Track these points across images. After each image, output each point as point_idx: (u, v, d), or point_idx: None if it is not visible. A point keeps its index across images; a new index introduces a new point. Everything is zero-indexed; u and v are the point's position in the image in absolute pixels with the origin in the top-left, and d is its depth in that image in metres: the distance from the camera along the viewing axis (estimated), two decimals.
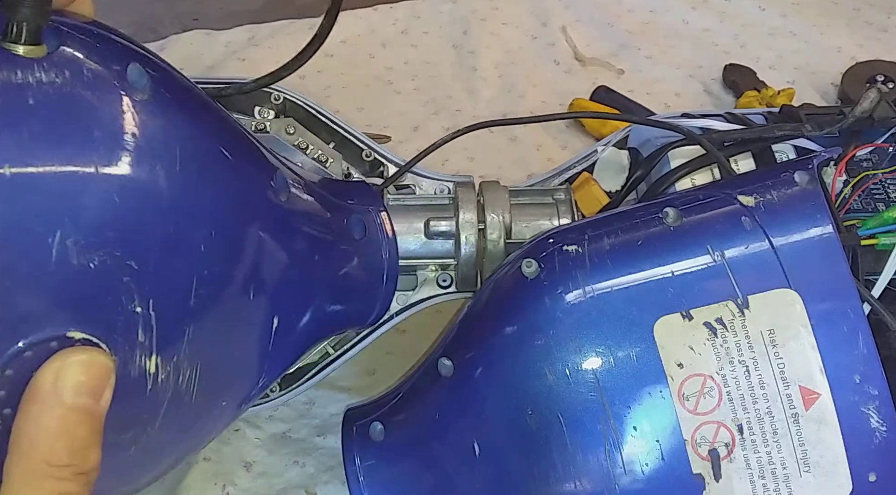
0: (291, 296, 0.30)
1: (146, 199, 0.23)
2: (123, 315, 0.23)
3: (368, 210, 0.36)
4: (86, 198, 0.22)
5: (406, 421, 0.36)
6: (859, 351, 0.30)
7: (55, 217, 0.22)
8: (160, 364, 0.24)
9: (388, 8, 0.76)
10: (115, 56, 0.25)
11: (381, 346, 0.48)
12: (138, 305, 0.23)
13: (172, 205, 0.24)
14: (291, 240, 0.30)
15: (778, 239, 0.31)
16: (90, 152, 0.22)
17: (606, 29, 0.75)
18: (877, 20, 0.75)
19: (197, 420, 0.27)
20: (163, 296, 0.24)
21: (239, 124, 0.30)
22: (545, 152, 0.65)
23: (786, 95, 0.64)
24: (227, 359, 0.27)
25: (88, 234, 0.22)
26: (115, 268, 0.23)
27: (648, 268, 0.32)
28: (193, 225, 0.25)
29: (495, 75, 0.71)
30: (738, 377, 0.30)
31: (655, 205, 0.34)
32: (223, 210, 0.26)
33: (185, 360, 0.25)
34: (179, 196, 0.24)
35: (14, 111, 0.21)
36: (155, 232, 0.24)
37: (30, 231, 0.21)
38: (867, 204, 0.42)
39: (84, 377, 0.22)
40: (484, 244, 0.42)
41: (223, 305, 0.26)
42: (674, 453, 0.30)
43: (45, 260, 0.21)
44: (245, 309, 0.27)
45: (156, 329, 0.24)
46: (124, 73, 0.24)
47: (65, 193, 0.22)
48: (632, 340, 0.31)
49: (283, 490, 0.47)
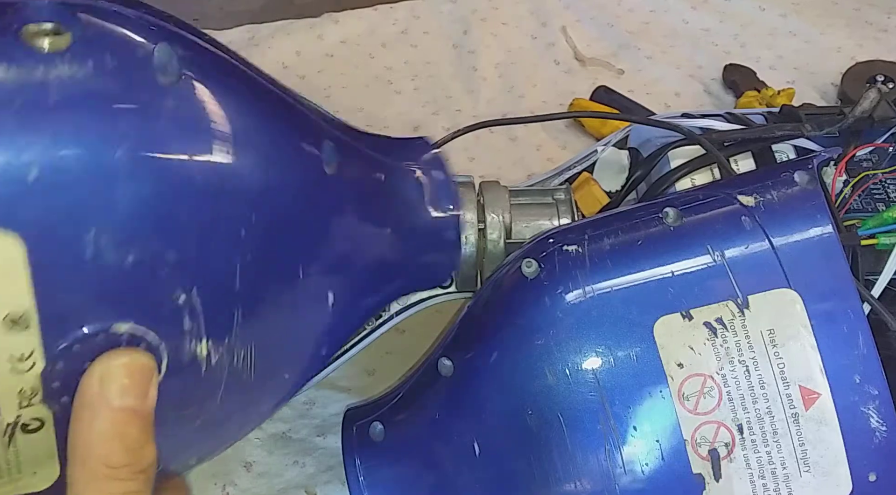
0: (345, 270, 0.29)
1: (179, 188, 0.23)
2: (167, 305, 0.23)
3: (426, 169, 0.33)
4: (117, 192, 0.22)
5: (406, 421, 0.36)
6: (859, 351, 0.30)
7: (87, 215, 0.21)
8: (212, 347, 0.24)
9: (388, 8, 0.76)
10: (142, 37, 0.24)
11: (381, 346, 0.48)
12: (181, 294, 0.23)
13: (206, 191, 0.23)
14: (340, 214, 0.28)
15: (778, 239, 0.31)
16: (116, 146, 0.22)
17: (606, 29, 0.75)
18: (877, 20, 0.75)
19: (259, 393, 0.27)
20: (206, 284, 0.23)
21: (285, 91, 0.28)
22: (545, 152, 0.65)
23: (786, 95, 0.64)
24: (284, 337, 0.27)
25: (122, 229, 0.22)
26: (154, 261, 0.22)
27: (648, 267, 0.32)
28: (231, 210, 0.24)
29: (495, 75, 0.71)
30: (738, 377, 0.30)
31: (655, 205, 0.34)
32: (263, 192, 0.25)
33: (237, 342, 0.25)
34: (213, 181, 0.23)
35: (37, 110, 0.21)
36: (191, 220, 0.23)
37: (64, 230, 0.21)
38: (867, 204, 0.42)
39: (127, 379, 0.22)
40: (484, 244, 0.42)
41: (271, 287, 0.26)
42: (674, 453, 0.30)
43: (81, 258, 0.21)
44: (296, 288, 0.27)
45: (203, 315, 0.23)
46: (151, 56, 0.23)
47: (94, 189, 0.21)
48: (632, 340, 0.31)
49: (284, 490, 0.47)
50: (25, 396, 0.22)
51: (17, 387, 0.22)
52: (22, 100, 0.21)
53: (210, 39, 0.27)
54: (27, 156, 0.21)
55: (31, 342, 0.21)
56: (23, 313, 0.21)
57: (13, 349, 0.21)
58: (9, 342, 0.21)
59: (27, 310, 0.21)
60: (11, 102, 0.21)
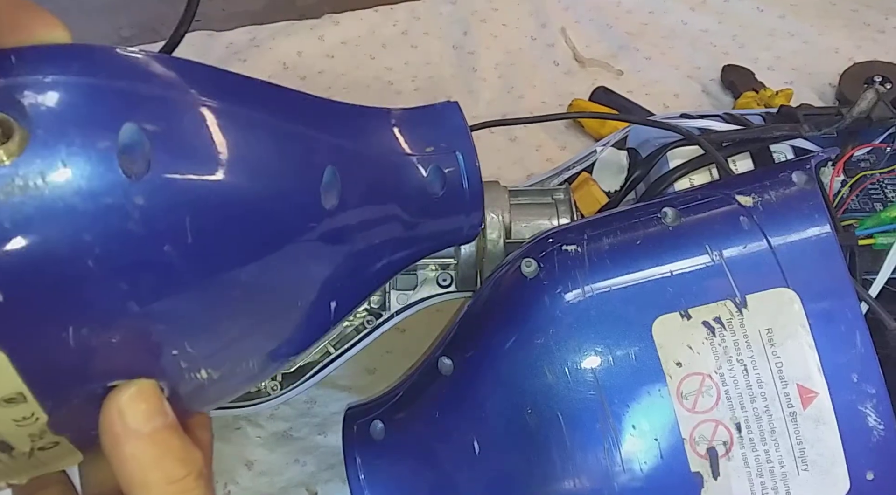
0: (350, 281, 0.27)
1: (158, 280, 0.21)
2: (160, 361, 0.23)
3: (449, 151, 0.29)
4: (89, 295, 0.21)
5: (406, 419, 0.36)
6: (857, 350, 0.30)
7: (61, 319, 0.21)
8: (212, 371, 0.24)
9: (388, 9, 0.76)
10: (104, 119, 0.20)
11: (382, 345, 0.48)
12: (172, 351, 0.23)
13: (186, 276, 0.22)
14: (342, 246, 0.26)
15: (776, 238, 0.31)
16: (85, 257, 0.20)
17: (605, 30, 0.75)
18: (875, 21, 0.75)
19: (273, 369, 0.27)
20: (198, 339, 0.23)
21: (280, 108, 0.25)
22: (544, 152, 0.65)
23: (784, 96, 0.64)
24: (286, 346, 0.26)
25: (102, 322, 0.21)
26: (140, 336, 0.22)
27: (647, 267, 0.32)
28: (216, 286, 0.23)
29: (495, 76, 0.71)
30: (737, 376, 0.30)
31: (654, 204, 0.34)
32: (249, 264, 0.23)
33: (237, 363, 0.25)
34: (196, 267, 0.22)
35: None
36: (176, 302, 0.22)
37: (41, 335, 0.21)
38: (865, 204, 0.42)
39: (144, 404, 0.23)
40: (483, 244, 0.42)
41: (268, 323, 0.25)
42: (672, 451, 0.30)
43: (65, 350, 0.21)
44: (296, 315, 0.25)
45: (199, 357, 0.23)
46: (115, 144, 0.20)
47: (64, 298, 0.20)
48: (631, 339, 0.31)
49: (284, 488, 0.47)
50: (36, 436, 0.23)
51: (26, 433, 0.22)
52: None
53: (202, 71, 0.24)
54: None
55: (30, 408, 0.22)
56: (16, 394, 0.21)
57: (14, 415, 0.22)
58: (8, 412, 0.21)
59: (21, 391, 0.21)
60: None
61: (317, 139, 0.26)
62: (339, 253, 0.26)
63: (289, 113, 0.25)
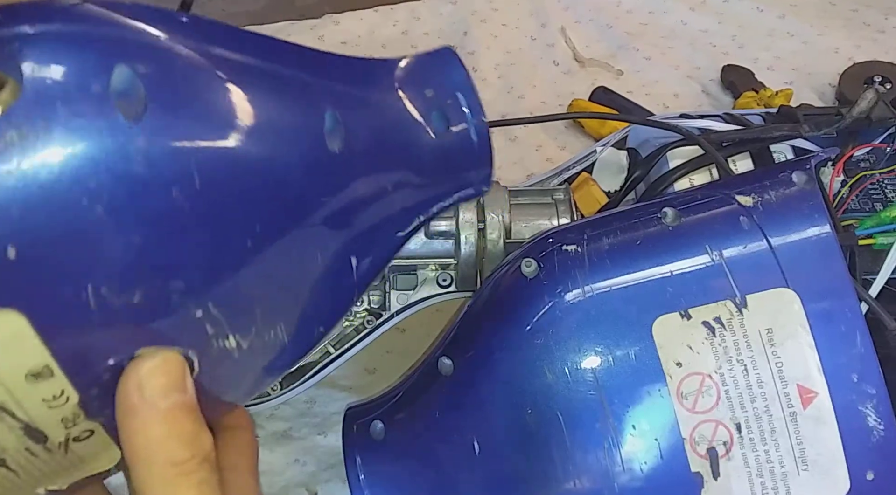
0: (366, 236, 0.27)
1: (169, 224, 0.21)
2: (185, 323, 0.22)
3: (450, 94, 0.28)
4: (103, 246, 0.20)
5: (406, 419, 0.36)
6: (857, 350, 0.30)
7: (78, 274, 0.20)
8: (240, 339, 0.23)
9: (388, 9, 0.76)
10: (95, 63, 0.20)
11: (382, 345, 0.48)
12: (197, 311, 0.22)
13: (199, 225, 0.21)
14: (352, 188, 0.25)
15: (776, 238, 0.31)
16: (94, 203, 0.20)
17: (605, 30, 0.75)
18: (874, 21, 0.75)
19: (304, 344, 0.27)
20: (220, 296, 0.22)
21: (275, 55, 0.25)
22: (544, 152, 0.65)
23: (784, 96, 0.64)
24: (311, 308, 0.26)
25: (120, 277, 0.21)
26: (161, 294, 0.21)
27: (647, 267, 0.32)
28: (230, 236, 0.22)
29: (495, 76, 0.71)
30: (737, 376, 0.30)
31: (654, 205, 0.34)
32: (261, 212, 0.23)
33: (264, 327, 0.24)
34: (207, 214, 0.22)
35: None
36: (191, 247, 0.22)
37: (59, 293, 0.20)
38: (865, 204, 0.42)
39: (164, 377, 0.22)
40: (484, 244, 0.42)
41: (290, 276, 0.24)
42: (672, 451, 0.30)
43: (86, 311, 0.21)
44: (315, 269, 0.25)
45: (224, 319, 0.23)
46: (108, 88, 0.20)
47: (78, 251, 0.20)
48: (631, 339, 0.31)
49: (285, 488, 0.47)
50: (69, 421, 0.22)
51: (58, 417, 0.22)
52: None
53: (191, 19, 0.24)
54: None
55: (58, 384, 0.21)
56: (43, 367, 0.21)
57: (43, 394, 0.21)
58: (37, 390, 0.21)
59: (47, 363, 0.21)
60: None
61: (316, 85, 0.25)
62: (349, 199, 0.25)
63: (285, 59, 0.25)
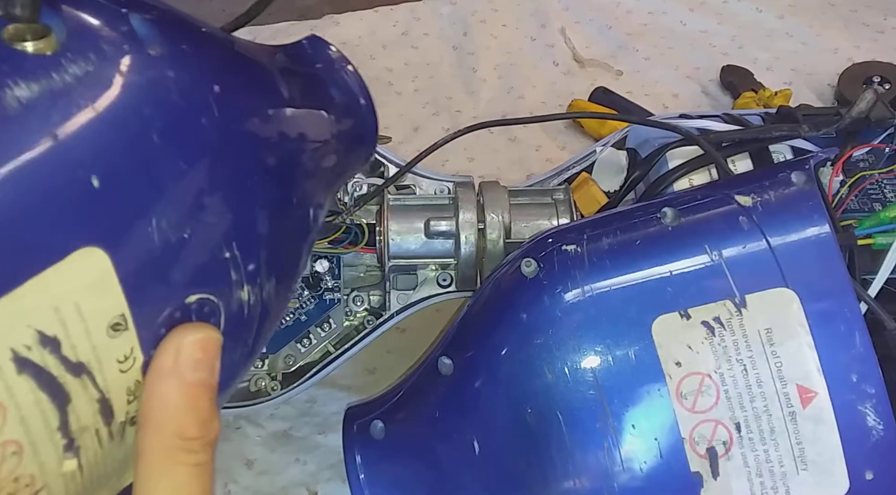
0: (316, 185, 0.30)
1: (206, 154, 0.23)
2: (219, 265, 0.24)
3: (333, 64, 0.32)
4: (161, 175, 0.22)
5: (406, 419, 0.36)
6: (856, 350, 0.30)
7: (146, 205, 0.22)
8: (250, 290, 0.25)
9: (388, 9, 0.76)
10: (116, 11, 0.23)
11: (382, 345, 0.48)
12: (226, 251, 0.24)
13: (228, 155, 0.24)
14: (304, 139, 0.29)
15: (775, 238, 0.31)
16: (150, 131, 0.22)
17: (605, 30, 0.75)
18: (873, 22, 0.75)
19: (279, 309, 0.28)
20: (242, 235, 0.24)
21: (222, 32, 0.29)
22: (544, 153, 0.65)
23: (783, 96, 0.64)
24: (289, 258, 0.28)
25: (176, 209, 0.22)
26: (205, 229, 0.23)
27: (647, 267, 0.32)
28: (247, 166, 0.25)
29: (495, 76, 0.71)
30: (736, 375, 0.30)
31: (654, 205, 0.34)
32: (259, 146, 0.26)
33: (264, 278, 0.26)
34: (229, 144, 0.24)
35: (72, 121, 0.20)
36: (224, 181, 0.24)
37: (132, 228, 0.21)
38: (864, 204, 0.42)
39: (201, 353, 0.23)
40: (483, 244, 0.42)
41: (279, 221, 0.27)
42: (672, 451, 0.30)
43: (152, 248, 0.22)
44: (290, 213, 0.28)
45: (242, 264, 0.24)
46: (133, 33, 0.22)
47: (144, 180, 0.22)
48: (630, 339, 0.31)
49: (285, 488, 0.47)
50: (131, 391, 0.23)
51: (125, 386, 0.22)
52: (56, 115, 0.20)
53: None
54: (82, 167, 0.20)
55: (130, 340, 0.22)
56: (120, 316, 0.21)
57: (117, 352, 0.22)
58: (114, 345, 0.21)
59: (123, 311, 0.21)
60: (46, 118, 0.20)
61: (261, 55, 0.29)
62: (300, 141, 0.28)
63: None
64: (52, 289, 0.20)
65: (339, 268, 0.45)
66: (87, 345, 0.21)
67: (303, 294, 0.45)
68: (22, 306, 0.19)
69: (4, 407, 0.19)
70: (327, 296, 0.45)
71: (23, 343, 0.19)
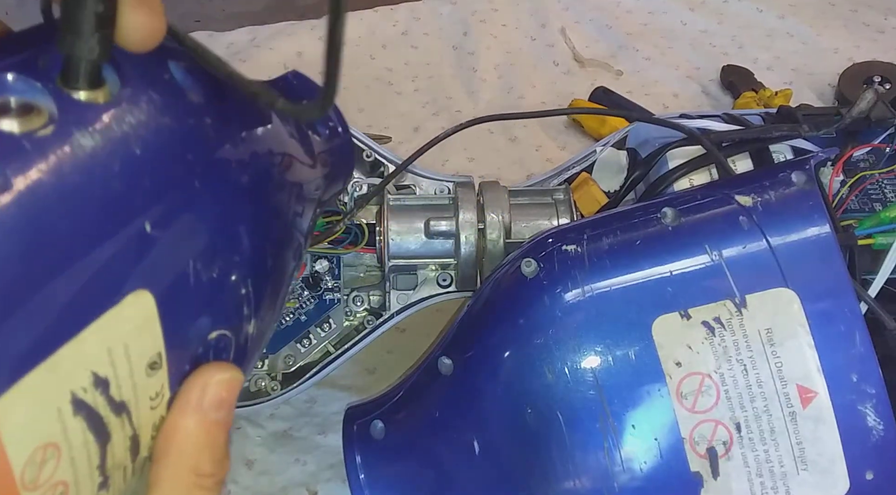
0: (307, 217, 0.31)
1: (240, 201, 0.24)
2: (237, 300, 0.24)
3: None
4: (198, 215, 0.23)
5: (406, 419, 0.36)
6: (856, 350, 0.30)
7: (186, 248, 0.22)
8: (255, 323, 0.26)
9: (388, 9, 0.76)
10: (157, 58, 0.23)
11: (382, 345, 0.48)
12: (243, 288, 0.24)
13: (254, 196, 0.25)
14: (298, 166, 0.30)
15: (775, 238, 0.31)
16: (189, 183, 0.22)
17: (605, 30, 0.75)
18: (874, 21, 0.75)
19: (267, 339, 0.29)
20: (256, 271, 0.25)
21: None
22: (544, 153, 0.65)
23: (783, 96, 0.64)
24: (284, 286, 0.29)
25: (208, 250, 0.23)
26: (228, 267, 0.24)
27: (647, 267, 0.32)
28: (265, 205, 0.26)
29: (495, 76, 0.71)
30: (736, 375, 0.30)
31: (654, 205, 0.34)
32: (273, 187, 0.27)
33: (266, 310, 0.26)
34: (254, 186, 0.25)
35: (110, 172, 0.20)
36: (251, 225, 0.25)
37: (174, 271, 0.22)
38: (864, 204, 0.42)
39: (225, 393, 0.23)
40: (483, 244, 0.42)
41: (279, 256, 0.27)
42: (672, 451, 0.30)
43: (187, 289, 0.22)
44: (289, 246, 0.28)
45: (253, 299, 0.25)
46: (173, 77, 0.23)
47: (186, 224, 0.22)
48: (630, 339, 0.31)
49: (285, 488, 0.47)
50: (155, 427, 0.23)
51: (152, 422, 0.23)
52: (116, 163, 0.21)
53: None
54: (139, 213, 0.21)
55: (162, 377, 0.22)
56: (157, 355, 0.22)
57: (151, 390, 0.22)
58: (149, 384, 0.22)
59: (161, 350, 0.22)
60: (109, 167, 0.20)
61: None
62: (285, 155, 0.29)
63: None
64: (108, 332, 0.20)
65: (339, 268, 0.45)
66: (129, 384, 0.21)
67: (303, 294, 0.45)
68: (84, 349, 0.20)
69: (59, 449, 0.20)
70: (327, 297, 0.45)
71: (81, 385, 0.20)
